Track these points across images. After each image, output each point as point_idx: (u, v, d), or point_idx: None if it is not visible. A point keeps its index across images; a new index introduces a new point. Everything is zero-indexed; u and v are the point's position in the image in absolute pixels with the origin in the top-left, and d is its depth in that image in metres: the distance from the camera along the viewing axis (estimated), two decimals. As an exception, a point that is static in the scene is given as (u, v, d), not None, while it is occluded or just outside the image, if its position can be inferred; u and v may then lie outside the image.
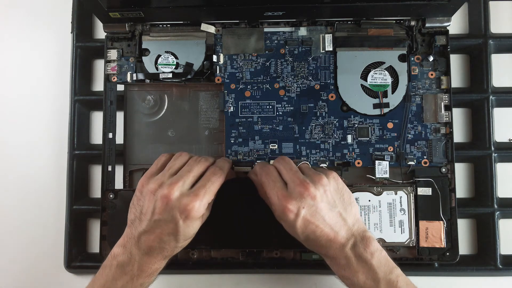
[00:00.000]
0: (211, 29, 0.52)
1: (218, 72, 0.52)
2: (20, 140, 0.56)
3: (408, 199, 0.50)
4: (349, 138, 0.51)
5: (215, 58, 0.52)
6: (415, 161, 0.50)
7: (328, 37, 0.52)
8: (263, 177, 0.44)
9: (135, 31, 0.52)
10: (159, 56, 0.52)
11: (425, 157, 0.50)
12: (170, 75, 0.51)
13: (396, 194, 0.50)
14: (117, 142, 0.52)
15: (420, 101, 0.51)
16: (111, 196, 0.50)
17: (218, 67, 0.52)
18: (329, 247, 0.42)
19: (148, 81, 0.51)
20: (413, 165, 0.50)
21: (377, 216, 0.49)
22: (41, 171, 0.55)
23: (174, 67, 0.52)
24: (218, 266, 0.51)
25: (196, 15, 0.51)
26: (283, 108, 0.51)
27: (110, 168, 0.51)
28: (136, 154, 0.52)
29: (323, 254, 0.43)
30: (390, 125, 0.51)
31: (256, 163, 0.50)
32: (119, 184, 0.52)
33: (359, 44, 0.51)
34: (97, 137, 0.56)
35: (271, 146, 0.51)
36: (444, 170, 0.50)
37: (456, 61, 0.55)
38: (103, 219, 0.50)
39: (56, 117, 0.56)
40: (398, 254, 0.50)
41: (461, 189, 0.54)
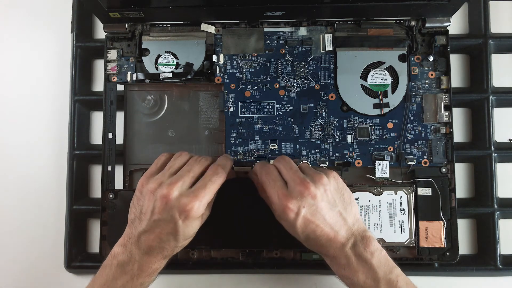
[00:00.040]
0: (211, 29, 0.52)
1: (218, 72, 0.52)
2: (20, 140, 0.56)
3: (408, 199, 0.49)
4: (349, 138, 0.51)
5: (215, 58, 0.52)
6: (415, 161, 0.50)
7: (328, 37, 0.52)
8: (263, 176, 0.44)
9: (135, 31, 0.52)
10: (159, 56, 0.52)
11: (425, 157, 0.50)
12: (170, 75, 0.51)
13: (396, 194, 0.50)
14: (117, 142, 0.52)
15: (420, 101, 0.51)
16: (111, 196, 0.50)
17: (218, 67, 0.52)
18: (329, 247, 0.42)
19: (148, 81, 0.51)
20: (413, 165, 0.50)
21: (377, 216, 0.49)
22: (41, 171, 0.55)
23: (174, 67, 0.52)
24: (218, 266, 0.51)
25: (196, 15, 0.51)
26: (283, 108, 0.51)
27: (110, 168, 0.51)
28: (136, 154, 0.52)
29: (323, 254, 0.43)
30: (390, 125, 0.51)
31: (256, 162, 0.50)
32: (119, 184, 0.52)
33: (359, 44, 0.51)
34: (97, 137, 0.56)
35: (271, 146, 0.51)
36: (444, 170, 0.50)
37: (456, 61, 0.55)
38: (103, 219, 0.50)
39: (56, 117, 0.56)
40: (398, 254, 0.50)
41: (461, 189, 0.54)
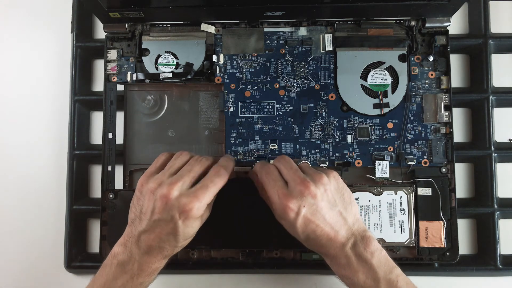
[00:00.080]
0: (211, 29, 0.52)
1: (218, 72, 0.52)
2: (20, 140, 0.56)
3: (408, 199, 0.49)
4: (349, 138, 0.51)
5: (215, 58, 0.52)
6: (415, 161, 0.50)
7: (328, 37, 0.52)
8: (263, 176, 0.44)
9: (135, 31, 0.52)
10: (159, 56, 0.52)
11: (425, 157, 0.50)
12: (170, 75, 0.51)
13: (396, 194, 0.50)
14: (117, 142, 0.52)
15: (420, 101, 0.51)
16: (111, 196, 0.50)
17: (218, 67, 0.52)
18: (329, 247, 0.42)
19: (148, 81, 0.51)
20: (413, 165, 0.50)
21: (377, 216, 0.49)
22: (41, 171, 0.55)
23: (174, 67, 0.52)
24: (218, 266, 0.51)
25: (196, 15, 0.51)
26: (283, 108, 0.51)
27: (110, 168, 0.51)
28: (136, 154, 0.52)
29: (323, 254, 0.43)
30: (390, 125, 0.51)
31: (256, 162, 0.50)
32: (119, 184, 0.52)
33: (359, 44, 0.51)
34: (97, 137, 0.56)
35: (271, 146, 0.51)
36: (444, 170, 0.50)
37: (456, 61, 0.55)
38: (103, 219, 0.50)
39: (56, 117, 0.56)
40: (398, 254, 0.50)
41: (461, 189, 0.54)
